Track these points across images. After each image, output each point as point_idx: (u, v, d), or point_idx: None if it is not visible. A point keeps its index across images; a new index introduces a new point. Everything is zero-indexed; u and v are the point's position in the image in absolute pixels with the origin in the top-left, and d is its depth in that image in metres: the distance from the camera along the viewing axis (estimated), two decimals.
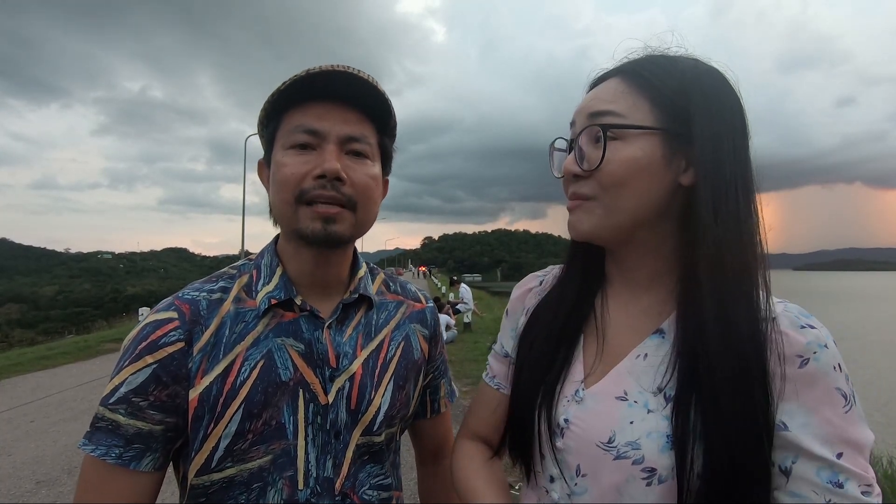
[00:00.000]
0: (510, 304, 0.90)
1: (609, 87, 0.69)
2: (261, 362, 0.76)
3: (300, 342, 0.79)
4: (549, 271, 0.89)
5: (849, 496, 0.54)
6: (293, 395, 0.77)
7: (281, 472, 0.75)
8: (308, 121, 0.77)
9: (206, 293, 0.79)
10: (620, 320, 0.74)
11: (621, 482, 0.62)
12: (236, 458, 0.73)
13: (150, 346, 0.73)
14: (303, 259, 0.83)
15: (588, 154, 0.68)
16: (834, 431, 0.56)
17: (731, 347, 0.59)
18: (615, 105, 0.67)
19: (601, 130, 0.65)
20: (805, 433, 0.57)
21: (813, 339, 0.59)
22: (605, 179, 0.66)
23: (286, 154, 0.78)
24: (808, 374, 0.58)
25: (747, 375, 0.58)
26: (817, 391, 0.57)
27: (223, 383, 0.74)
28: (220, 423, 0.73)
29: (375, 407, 0.83)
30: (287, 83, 0.75)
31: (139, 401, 0.72)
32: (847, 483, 0.55)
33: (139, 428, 0.72)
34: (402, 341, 0.91)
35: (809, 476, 0.56)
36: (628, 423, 0.64)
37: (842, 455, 0.55)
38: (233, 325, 0.77)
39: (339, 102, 0.79)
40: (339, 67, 0.75)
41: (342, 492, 0.79)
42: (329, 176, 0.76)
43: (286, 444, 0.76)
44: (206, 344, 0.75)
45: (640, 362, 0.69)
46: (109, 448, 0.71)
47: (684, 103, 0.65)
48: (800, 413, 0.57)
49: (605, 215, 0.67)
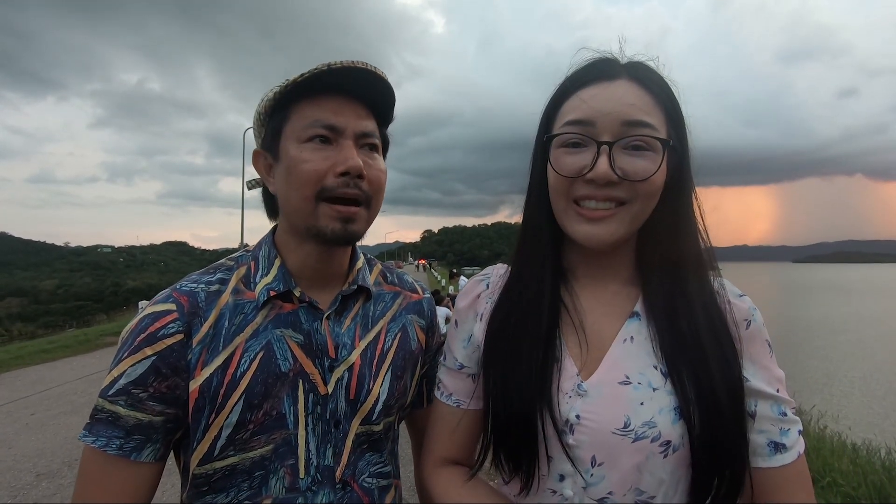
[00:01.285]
0: (458, 314, 0.87)
1: (633, 93, 0.70)
2: (260, 353, 0.76)
3: (299, 333, 0.80)
4: (491, 273, 0.88)
5: (790, 420, 0.71)
6: (293, 386, 0.77)
7: (282, 461, 0.76)
8: (325, 115, 0.77)
9: (205, 285, 0.79)
10: (594, 308, 0.77)
11: (641, 461, 0.66)
12: (238, 447, 0.74)
13: (149, 338, 0.73)
14: (307, 253, 0.83)
15: (623, 162, 0.68)
16: (770, 374, 0.72)
17: (708, 319, 0.70)
18: (652, 118, 0.69)
19: (657, 143, 0.68)
20: (757, 380, 0.71)
21: (749, 305, 0.75)
22: (647, 189, 0.69)
23: (303, 149, 0.77)
24: (752, 332, 0.73)
25: (724, 341, 0.70)
26: (757, 345, 0.73)
27: (224, 374, 0.74)
28: (222, 414, 0.73)
29: (374, 396, 0.83)
30: (306, 75, 0.74)
31: (139, 392, 0.72)
32: (787, 410, 0.71)
33: (139, 419, 0.72)
34: (398, 332, 0.91)
35: (767, 413, 0.70)
36: (639, 405, 0.68)
37: (778, 390, 0.71)
38: (232, 316, 0.77)
39: (350, 97, 0.80)
40: (359, 64, 0.75)
41: (342, 480, 0.80)
42: (353, 173, 0.76)
43: (287, 433, 0.76)
44: (206, 336, 0.75)
45: (629, 346, 0.73)
46: (110, 439, 0.71)
47: (679, 121, 0.73)
48: (750, 365, 0.71)
49: (631, 222, 0.71)
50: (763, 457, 0.69)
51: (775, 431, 0.69)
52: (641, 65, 0.73)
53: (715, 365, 0.67)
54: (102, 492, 0.71)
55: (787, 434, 0.70)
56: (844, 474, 3.45)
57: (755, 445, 0.69)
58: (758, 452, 0.69)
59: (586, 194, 0.70)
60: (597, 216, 0.70)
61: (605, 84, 0.71)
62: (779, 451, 0.69)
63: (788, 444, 0.69)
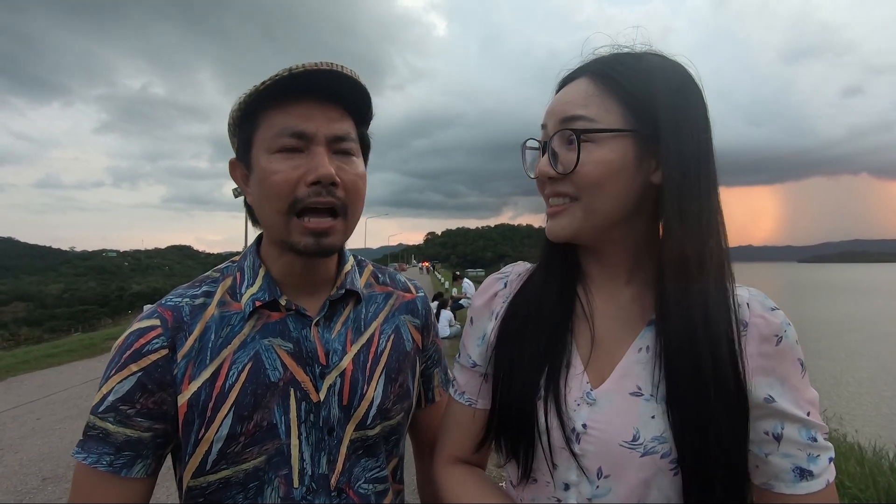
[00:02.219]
0: (474, 312, 0.86)
1: (579, 88, 0.70)
2: (249, 364, 0.76)
3: (288, 341, 0.79)
4: (510, 271, 0.87)
5: (821, 447, 0.66)
6: (284, 395, 0.76)
7: (276, 471, 0.75)
8: (293, 122, 0.74)
9: (189, 298, 0.79)
10: (608, 312, 0.75)
11: (649, 477, 0.64)
12: (230, 460, 0.73)
13: (134, 355, 0.73)
14: (289, 263, 0.82)
15: (562, 157, 0.69)
16: (801, 395, 0.66)
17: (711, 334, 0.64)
18: (586, 109, 0.67)
19: (574, 135, 0.67)
20: (785, 401, 0.65)
21: (783, 320, 0.68)
22: (581, 182, 0.67)
23: (272, 160, 0.75)
24: (782, 349, 0.66)
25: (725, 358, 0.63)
26: (787, 363, 0.66)
27: (212, 388, 0.74)
28: (211, 428, 0.73)
29: (368, 401, 0.82)
30: (267, 83, 0.71)
31: (126, 409, 0.72)
32: (817, 436, 0.66)
33: (128, 435, 0.72)
34: (392, 333, 0.90)
35: (794, 437, 0.65)
36: (650, 418, 0.65)
37: (809, 413, 0.66)
38: (218, 329, 0.77)
39: (320, 100, 0.77)
40: (323, 65, 0.72)
41: (337, 487, 0.79)
42: (324, 182, 0.74)
43: (279, 443, 0.75)
44: (191, 349, 0.75)
45: (642, 355, 0.69)
46: (101, 456, 0.71)
47: (651, 103, 0.66)
48: (777, 384, 0.66)
49: (584, 217, 0.69)
50: (787, 483, 0.65)
51: (802, 457, 0.65)
52: (605, 58, 0.71)
53: (711, 382, 0.62)
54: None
55: (815, 461, 0.65)
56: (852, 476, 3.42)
57: (778, 470, 0.65)
58: (781, 478, 0.65)
59: (546, 192, 0.73)
60: (553, 212, 0.72)
61: (565, 87, 0.73)
62: (804, 479, 0.64)
63: (816, 471, 0.65)
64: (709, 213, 0.67)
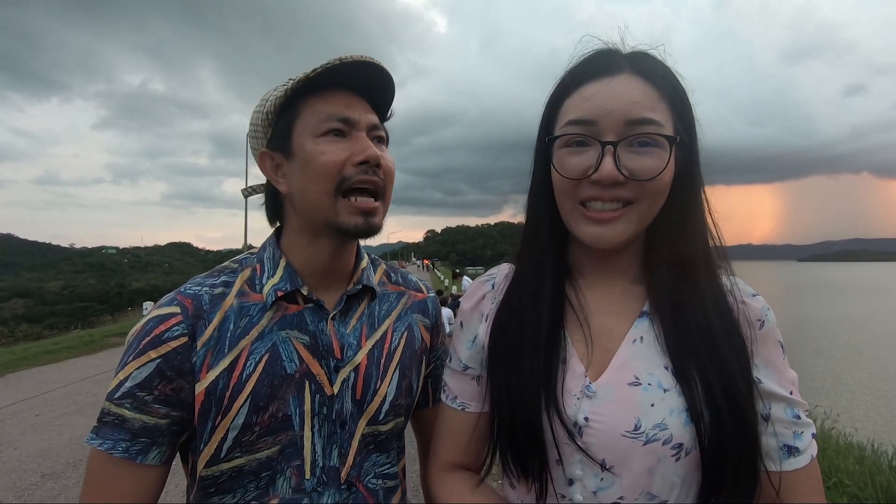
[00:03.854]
0: (463, 316, 0.86)
1: (638, 89, 0.67)
2: (266, 356, 0.77)
3: (305, 334, 0.80)
4: (496, 273, 0.86)
5: (804, 423, 0.70)
6: (299, 387, 0.77)
7: (288, 462, 0.76)
8: (338, 109, 0.79)
9: (209, 287, 0.80)
10: (601, 307, 0.75)
11: (653, 464, 0.65)
12: (244, 448, 0.74)
13: (154, 341, 0.73)
14: (318, 250, 0.83)
15: (629, 161, 0.66)
16: (783, 375, 0.71)
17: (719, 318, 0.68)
18: (656, 114, 0.66)
19: (664, 140, 0.66)
20: (771, 381, 0.69)
21: (763, 305, 0.73)
22: (654, 188, 0.67)
23: (319, 142, 0.78)
24: (765, 333, 0.71)
25: (734, 341, 0.68)
26: (769, 346, 0.71)
27: (229, 377, 0.74)
28: (228, 416, 0.73)
29: (381, 396, 0.83)
30: (319, 70, 0.75)
31: (144, 395, 0.72)
32: (800, 413, 0.70)
33: (145, 422, 0.72)
34: (405, 331, 0.92)
35: (781, 416, 0.69)
36: (650, 406, 0.66)
37: (791, 392, 0.70)
38: (237, 319, 0.78)
39: (355, 92, 0.82)
40: (367, 58, 0.77)
41: (347, 480, 0.80)
42: (371, 162, 0.78)
43: (293, 434, 0.77)
44: (210, 338, 0.75)
45: (638, 346, 0.71)
46: (116, 442, 0.72)
47: (687, 114, 0.70)
48: (762, 366, 0.70)
49: (639, 221, 0.69)
50: (776, 460, 0.68)
51: (789, 434, 0.68)
52: (645, 56, 0.70)
53: (725, 365, 0.65)
54: (109, 494, 0.72)
55: (800, 437, 0.69)
56: (851, 474, 3.42)
57: (768, 449, 0.68)
58: (770, 455, 0.68)
59: (592, 195, 0.68)
60: (604, 217, 0.68)
61: (607, 80, 0.67)
62: (792, 455, 0.68)
63: (801, 447, 0.68)
64: (702, 206, 0.73)
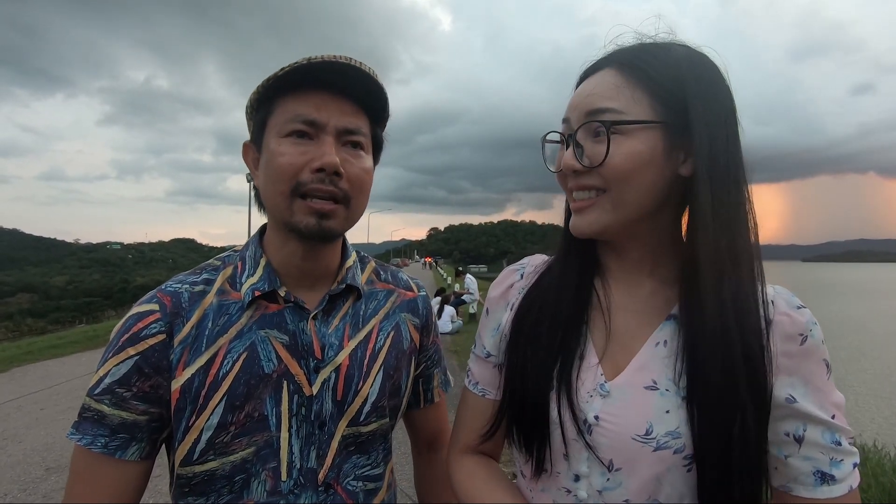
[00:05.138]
0: (490, 303, 0.86)
1: (605, 80, 0.67)
2: (244, 354, 0.76)
3: (284, 334, 0.79)
4: (527, 263, 0.86)
5: (845, 451, 0.64)
6: (276, 387, 0.77)
7: (264, 464, 0.75)
8: (306, 110, 0.76)
9: (189, 285, 0.79)
10: (626, 305, 0.73)
11: (661, 472, 0.63)
12: (218, 450, 0.74)
13: (132, 338, 0.73)
14: (291, 251, 0.82)
15: (588, 150, 0.67)
16: (826, 397, 0.64)
17: (743, 330, 0.62)
18: (615, 102, 0.65)
19: (602, 126, 0.65)
20: (808, 402, 0.64)
21: (809, 318, 0.67)
22: (610, 174, 0.65)
23: (282, 143, 0.76)
24: (807, 349, 0.65)
25: (756, 355, 0.62)
26: (812, 364, 0.65)
27: (205, 375, 0.74)
28: (203, 415, 0.73)
29: (363, 397, 0.82)
30: (286, 70, 0.73)
31: (123, 391, 0.72)
32: (842, 439, 0.64)
33: (123, 418, 0.72)
34: (391, 331, 0.90)
35: (817, 439, 0.63)
36: (664, 413, 0.64)
37: (834, 416, 0.64)
38: (216, 317, 0.77)
39: (336, 92, 0.78)
40: (341, 58, 0.73)
41: (325, 482, 0.79)
42: (328, 170, 0.75)
43: (269, 435, 0.76)
44: (188, 336, 0.75)
45: (660, 349, 0.68)
46: (95, 437, 0.72)
47: (681, 94, 0.65)
48: (800, 384, 0.64)
49: (613, 210, 0.67)
50: (807, 486, 0.63)
51: (824, 461, 0.63)
52: (631, 48, 0.69)
53: (737, 380, 0.61)
54: (90, 489, 0.72)
55: (838, 465, 0.63)
56: None
57: (798, 473, 0.64)
58: (801, 480, 0.64)
59: (570, 186, 0.70)
60: (578, 206, 0.70)
61: (588, 79, 0.70)
62: (826, 483, 0.63)
63: (839, 476, 0.63)
64: (739, 206, 0.65)
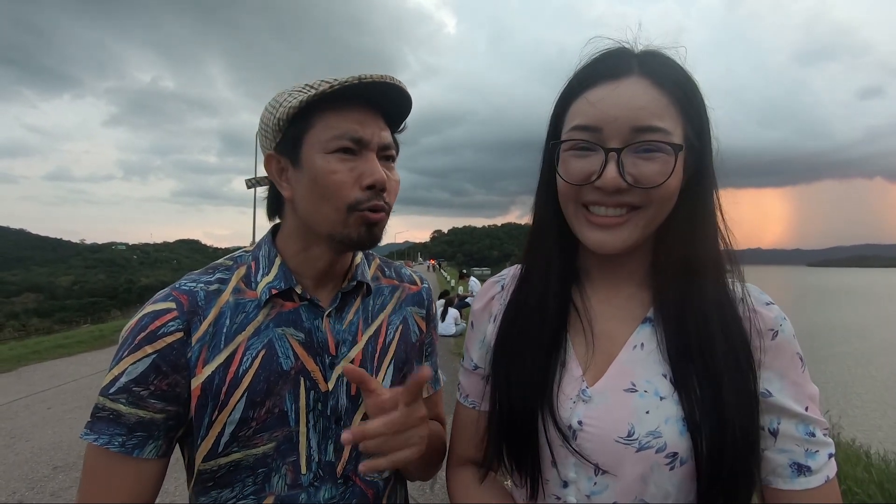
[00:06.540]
0: (474, 316, 0.88)
1: (647, 94, 0.65)
2: (262, 352, 0.78)
3: (300, 331, 0.81)
4: (507, 274, 0.88)
5: (820, 442, 0.66)
6: (294, 384, 0.79)
7: (284, 458, 0.78)
8: (352, 127, 0.77)
9: (204, 284, 0.80)
10: (605, 311, 0.75)
11: (646, 472, 0.64)
12: (241, 443, 0.76)
13: (150, 337, 0.73)
14: (316, 255, 0.84)
15: (632, 167, 0.65)
16: (800, 390, 0.67)
17: (723, 327, 0.66)
18: (664, 122, 0.65)
19: (670, 148, 0.64)
20: (783, 396, 0.66)
21: (777, 314, 0.70)
22: (660, 195, 0.66)
23: (329, 160, 0.77)
24: (778, 344, 0.68)
25: (738, 352, 0.65)
26: (785, 358, 0.67)
27: (225, 372, 0.75)
28: (225, 411, 0.74)
29: None
30: (336, 87, 0.74)
31: (140, 390, 0.73)
32: (816, 431, 0.66)
33: (141, 416, 0.73)
34: (400, 324, 0.93)
35: (792, 432, 0.66)
36: (644, 414, 0.65)
37: (808, 408, 0.66)
38: (233, 315, 0.79)
39: (371, 108, 0.80)
40: (387, 79, 0.76)
41: (344, 475, 0.81)
42: (378, 187, 0.78)
43: (288, 430, 0.78)
44: (205, 334, 0.76)
45: (638, 352, 0.70)
46: (112, 437, 0.72)
47: (699, 118, 0.68)
48: (775, 379, 0.67)
49: (645, 227, 0.68)
50: (784, 478, 0.65)
51: (800, 452, 0.65)
52: (656, 56, 0.68)
53: (726, 375, 0.64)
54: (107, 489, 0.73)
55: (813, 456, 0.65)
56: (860, 482, 3.39)
57: (775, 465, 0.66)
58: (778, 473, 0.66)
59: (595, 200, 0.67)
60: (608, 223, 0.67)
61: (614, 84, 0.66)
62: (802, 474, 0.65)
63: (815, 466, 0.65)
64: (713, 212, 0.71)
